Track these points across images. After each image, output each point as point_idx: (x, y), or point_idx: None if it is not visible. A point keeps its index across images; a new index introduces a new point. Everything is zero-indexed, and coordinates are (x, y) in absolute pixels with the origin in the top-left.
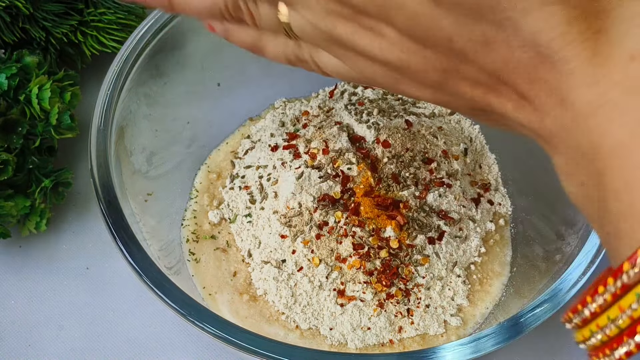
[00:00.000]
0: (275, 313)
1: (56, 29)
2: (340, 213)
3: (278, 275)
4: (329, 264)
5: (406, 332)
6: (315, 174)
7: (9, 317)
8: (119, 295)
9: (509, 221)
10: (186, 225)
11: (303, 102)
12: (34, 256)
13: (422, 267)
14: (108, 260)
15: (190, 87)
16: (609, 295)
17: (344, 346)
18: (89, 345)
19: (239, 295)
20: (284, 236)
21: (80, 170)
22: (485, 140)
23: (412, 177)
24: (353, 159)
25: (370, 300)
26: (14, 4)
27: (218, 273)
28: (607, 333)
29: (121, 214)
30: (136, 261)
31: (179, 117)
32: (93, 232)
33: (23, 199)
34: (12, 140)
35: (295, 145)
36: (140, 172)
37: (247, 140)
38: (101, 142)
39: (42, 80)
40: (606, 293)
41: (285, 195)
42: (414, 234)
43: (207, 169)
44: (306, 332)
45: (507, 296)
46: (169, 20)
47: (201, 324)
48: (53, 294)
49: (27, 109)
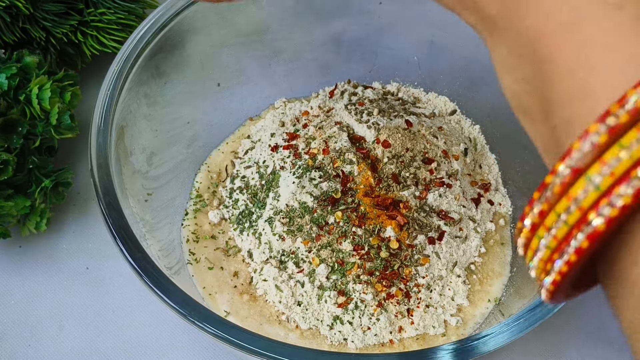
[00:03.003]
0: (275, 313)
1: (56, 29)
2: (341, 213)
3: (278, 275)
4: (329, 264)
5: (406, 332)
6: (315, 174)
7: (9, 317)
8: (119, 295)
9: (509, 221)
10: (186, 225)
11: (303, 102)
12: (34, 256)
13: (422, 267)
14: (108, 260)
15: (190, 87)
16: (557, 187)
17: (344, 346)
18: (89, 345)
19: (239, 295)
20: (284, 236)
21: (80, 170)
22: (485, 140)
23: (412, 177)
24: (353, 159)
25: (370, 300)
26: (14, 4)
27: (218, 273)
28: (554, 234)
29: (121, 214)
30: (136, 261)
31: (179, 117)
32: (93, 232)
33: (23, 199)
34: (12, 140)
35: (295, 145)
36: (140, 172)
37: (247, 140)
38: (101, 142)
39: (42, 80)
40: (555, 183)
41: (285, 195)
42: (414, 234)
43: (207, 169)
44: (306, 332)
45: (507, 296)
46: (169, 20)
47: (201, 324)
48: (53, 294)
49: (27, 109)
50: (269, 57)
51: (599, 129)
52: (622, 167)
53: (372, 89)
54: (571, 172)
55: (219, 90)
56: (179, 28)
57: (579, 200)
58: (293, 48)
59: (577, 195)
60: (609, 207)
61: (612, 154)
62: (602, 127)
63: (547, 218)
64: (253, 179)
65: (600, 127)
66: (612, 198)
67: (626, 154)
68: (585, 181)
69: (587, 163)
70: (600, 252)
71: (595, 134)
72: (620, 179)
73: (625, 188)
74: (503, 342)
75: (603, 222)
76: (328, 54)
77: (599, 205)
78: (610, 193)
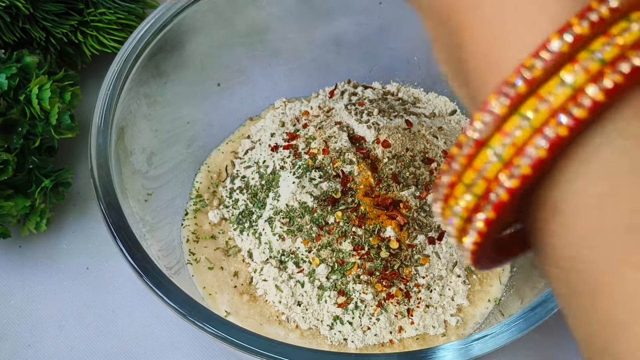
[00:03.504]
0: (275, 313)
1: (56, 29)
2: (341, 213)
3: (278, 275)
4: (329, 264)
5: (406, 332)
6: (315, 174)
7: (9, 317)
8: (119, 295)
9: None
10: (186, 225)
11: (303, 102)
12: (34, 256)
13: (422, 267)
14: (108, 260)
15: (190, 87)
16: (462, 158)
17: (344, 346)
18: (89, 345)
19: (239, 295)
20: (284, 236)
21: (80, 170)
22: None
23: (412, 177)
24: (353, 159)
25: (370, 300)
26: (14, 4)
27: (218, 273)
28: (464, 206)
29: (121, 214)
30: (136, 261)
31: (179, 117)
32: (93, 232)
33: (23, 199)
34: (12, 140)
35: (295, 145)
36: (140, 172)
37: (247, 140)
38: (101, 142)
39: (42, 80)
40: (461, 154)
41: (285, 195)
42: (414, 234)
43: (207, 169)
44: (306, 332)
45: (507, 296)
46: (169, 20)
47: (201, 324)
48: (53, 294)
49: (27, 109)
50: (269, 57)
51: (499, 99)
52: (523, 136)
53: (372, 89)
54: (475, 144)
55: (219, 90)
56: (179, 28)
57: (484, 171)
58: (293, 48)
59: (481, 167)
60: (510, 179)
61: (512, 123)
62: (502, 98)
63: (456, 189)
64: (253, 179)
65: (501, 98)
66: (513, 169)
67: (527, 123)
68: (487, 153)
69: (489, 134)
70: (522, 219)
71: (495, 104)
72: (521, 148)
73: (525, 159)
74: (503, 342)
75: (505, 192)
76: (328, 54)
77: (500, 176)
78: (511, 164)
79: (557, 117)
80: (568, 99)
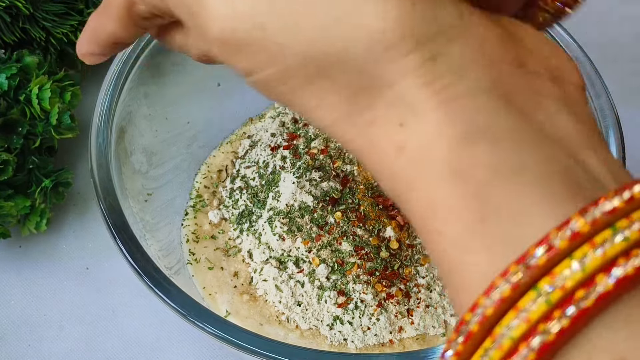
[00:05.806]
0: (275, 313)
1: (56, 29)
2: (340, 213)
3: (278, 275)
4: (329, 264)
5: (406, 332)
6: (315, 174)
7: (9, 317)
8: (119, 295)
9: None
10: (186, 225)
11: None
12: (34, 256)
13: (423, 267)
14: (108, 260)
15: (190, 87)
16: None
17: (344, 346)
18: (89, 345)
19: (239, 295)
20: (284, 236)
21: (80, 170)
22: None
23: None
24: (353, 159)
25: (370, 300)
26: (14, 4)
27: (218, 273)
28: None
29: (121, 214)
30: (136, 261)
31: (179, 117)
32: (93, 232)
33: (23, 199)
34: (12, 140)
35: (296, 145)
36: (140, 172)
37: (247, 140)
38: (101, 142)
39: (42, 80)
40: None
41: (285, 195)
42: (414, 234)
43: (207, 169)
44: (306, 332)
45: None
46: None
47: (201, 324)
48: (53, 294)
49: (27, 109)
50: None
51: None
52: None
53: None
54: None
55: (219, 90)
56: None
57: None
58: None
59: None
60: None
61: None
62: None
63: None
64: (253, 179)
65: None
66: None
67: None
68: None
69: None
70: None
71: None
72: (510, 352)
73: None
74: None
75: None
76: None
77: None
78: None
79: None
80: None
